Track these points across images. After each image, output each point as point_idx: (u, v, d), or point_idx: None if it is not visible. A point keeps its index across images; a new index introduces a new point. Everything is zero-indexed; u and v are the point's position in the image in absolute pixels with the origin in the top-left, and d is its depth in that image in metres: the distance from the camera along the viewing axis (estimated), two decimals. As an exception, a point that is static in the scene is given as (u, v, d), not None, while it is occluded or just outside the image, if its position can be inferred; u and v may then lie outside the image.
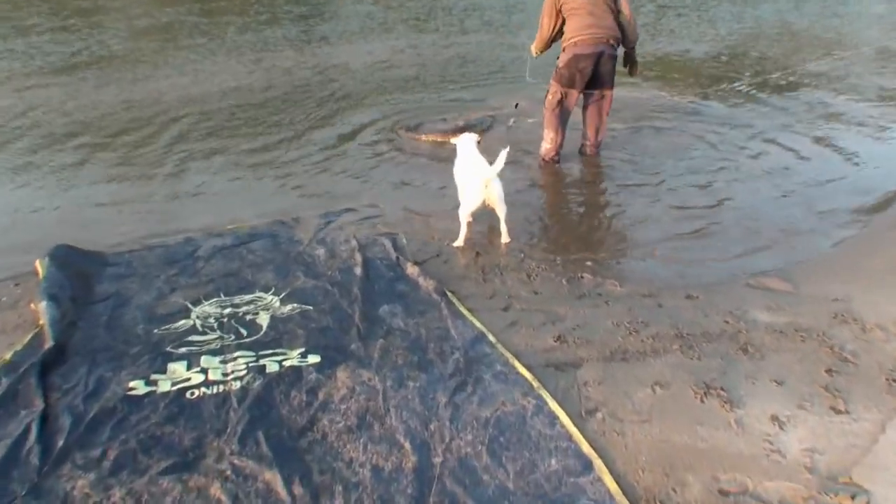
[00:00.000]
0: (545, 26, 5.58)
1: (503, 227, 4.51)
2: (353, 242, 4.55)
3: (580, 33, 5.36)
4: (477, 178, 4.36)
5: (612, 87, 5.71)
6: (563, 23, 5.48)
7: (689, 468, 2.43)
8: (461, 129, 6.53)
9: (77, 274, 4.19)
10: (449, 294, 3.87)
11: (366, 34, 12.28)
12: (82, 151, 6.67)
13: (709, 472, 2.40)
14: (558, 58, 5.61)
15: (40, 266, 4.16)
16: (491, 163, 4.34)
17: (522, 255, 4.31)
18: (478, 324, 3.54)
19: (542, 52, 5.82)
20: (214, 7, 15.56)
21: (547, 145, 5.82)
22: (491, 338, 3.39)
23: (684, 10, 13.69)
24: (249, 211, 5.19)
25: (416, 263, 4.23)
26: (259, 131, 7.13)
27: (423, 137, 6.68)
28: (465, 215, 4.45)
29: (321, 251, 4.50)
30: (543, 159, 5.86)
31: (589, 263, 4.18)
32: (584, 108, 5.84)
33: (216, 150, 6.58)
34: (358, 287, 3.98)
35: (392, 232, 4.72)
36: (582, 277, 4.02)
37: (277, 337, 3.49)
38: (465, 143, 4.83)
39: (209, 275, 4.27)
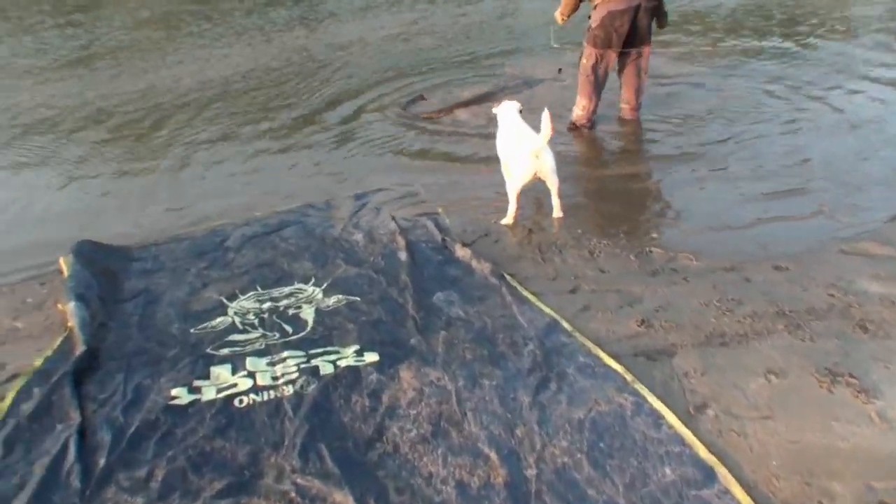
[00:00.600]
0: None
1: (555, 201, 4.10)
2: (393, 225, 4.16)
3: None
4: (526, 149, 3.94)
5: (650, 42, 5.26)
6: None
7: (833, 475, 2.04)
8: (487, 98, 6.15)
9: (103, 271, 3.84)
10: (507, 277, 3.49)
11: (373, 8, 11.79)
12: (98, 141, 6.38)
13: (860, 480, 2.01)
14: (589, 17, 5.15)
15: (65, 264, 3.81)
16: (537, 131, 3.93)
17: (580, 231, 3.91)
18: (547, 309, 3.15)
19: (569, 16, 5.29)
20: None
21: (579, 111, 5.39)
22: (566, 325, 3.01)
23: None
24: (274, 197, 4.83)
25: (464, 245, 3.85)
26: (276, 112, 6.74)
27: (451, 111, 6.24)
28: (514, 190, 4.05)
29: (359, 236, 4.11)
30: (574, 124, 5.45)
31: (654, 236, 3.79)
32: (620, 69, 5.37)
33: (234, 134, 6.23)
34: (406, 273, 3.60)
35: (432, 212, 4.33)
36: (651, 252, 3.62)
37: (327, 333, 3.12)
38: (507, 112, 4.37)
39: (242, 266, 3.91)
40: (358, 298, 3.42)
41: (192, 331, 3.24)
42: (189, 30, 11.30)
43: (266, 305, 3.43)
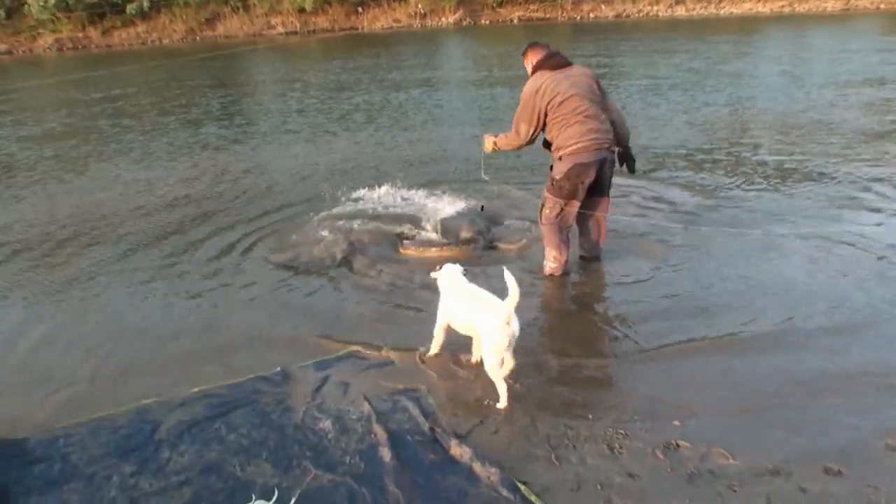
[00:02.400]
0: (523, 132, 4.69)
1: (502, 388, 3.38)
2: (367, 406, 3.42)
3: (580, 140, 4.52)
4: (497, 318, 3.28)
5: (608, 194, 4.93)
6: (543, 128, 4.66)
7: None
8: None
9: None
10: (522, 488, 2.80)
11: (296, 135, 11.28)
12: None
13: None
14: (552, 168, 4.75)
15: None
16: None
17: (591, 416, 3.28)
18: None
19: (496, 149, 5.02)
20: (120, 109, 14.26)
21: (552, 264, 4.91)
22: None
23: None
24: (215, 361, 3.99)
25: (459, 437, 3.14)
26: (205, 246, 5.90)
27: (411, 251, 5.61)
28: (495, 366, 3.34)
29: (327, 423, 3.34)
30: (550, 276, 4.94)
31: (676, 423, 3.20)
32: (581, 219, 4.95)
33: (156, 273, 5.33)
34: (394, 483, 2.85)
35: (413, 387, 3.61)
36: (678, 446, 3.03)
37: None
38: (451, 276, 3.74)
39: (181, 472, 3.04)
40: (341, 527, 2.62)
41: None
42: (98, 148, 10.37)
43: (219, 541, 2.58)
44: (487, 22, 39.08)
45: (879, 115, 10.26)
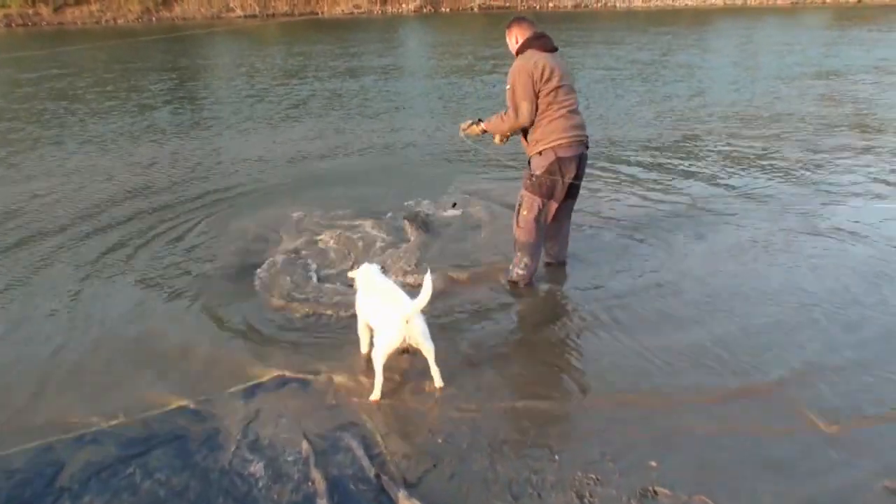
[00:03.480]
0: (525, 112, 4.07)
1: (434, 370, 3.32)
2: (305, 445, 2.94)
3: (563, 135, 4.10)
4: (395, 315, 3.18)
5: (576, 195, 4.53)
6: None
7: None
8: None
9: None
10: (481, 552, 2.36)
11: (254, 123, 10.64)
12: None
13: None
14: (529, 163, 4.30)
15: None
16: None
17: (557, 457, 2.84)
18: None
19: (506, 140, 4.46)
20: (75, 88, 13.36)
21: (520, 271, 4.42)
22: None
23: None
24: (135, 384, 3.45)
25: (408, 485, 2.69)
26: (140, 246, 5.30)
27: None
28: (380, 361, 3.23)
29: (258, 466, 2.85)
30: (515, 284, 4.49)
31: (652, 463, 2.79)
32: (553, 220, 4.46)
33: (86, 275, 4.73)
34: (334, 547, 2.38)
35: (356, 421, 3.13)
36: (655, 493, 2.62)
37: None
38: (367, 275, 3.60)
39: (81, 534, 2.52)
40: None
41: None
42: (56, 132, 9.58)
43: None
44: (448, 10, 38.44)
45: (835, 105, 10.08)
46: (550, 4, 39.42)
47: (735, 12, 34.49)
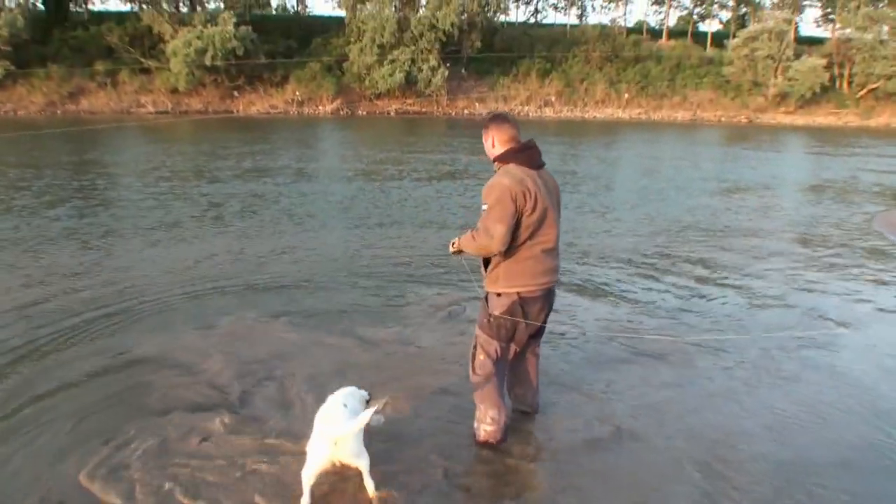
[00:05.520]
0: (499, 235, 3.30)
1: (368, 481, 3.22)
2: None
3: (532, 282, 3.48)
4: (325, 434, 3.12)
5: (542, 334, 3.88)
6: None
7: None
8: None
9: None
10: None
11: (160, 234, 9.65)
12: None
13: None
14: (486, 299, 3.63)
15: None
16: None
17: None
18: None
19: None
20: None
21: (488, 427, 3.68)
22: None
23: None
24: None
25: None
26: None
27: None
28: (306, 480, 3.17)
29: None
30: (485, 443, 3.72)
31: None
32: (514, 363, 3.83)
33: None
34: None
35: None
36: None
37: None
38: (336, 396, 3.43)
39: None
40: None
41: None
42: None
43: None
44: (365, 113, 38.84)
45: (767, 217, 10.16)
46: (466, 111, 40.57)
47: (640, 125, 36.47)
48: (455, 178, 14.80)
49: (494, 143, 3.55)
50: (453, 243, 3.63)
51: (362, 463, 3.20)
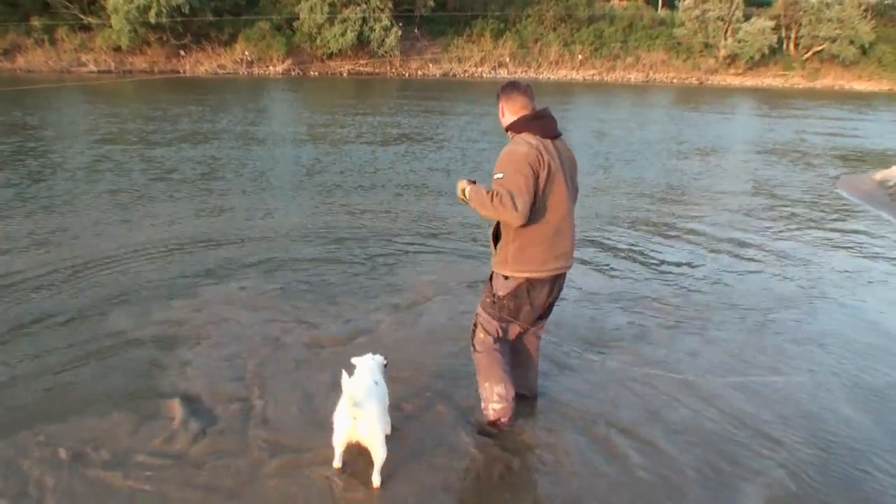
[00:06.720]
0: (521, 207, 3.08)
1: (376, 475, 3.10)
2: None
3: (544, 268, 3.30)
4: (344, 405, 3.00)
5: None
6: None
7: None
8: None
9: None
10: None
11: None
12: None
13: None
14: (491, 278, 3.49)
15: None
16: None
17: None
18: None
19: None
20: None
21: (497, 406, 3.49)
22: None
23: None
24: None
25: None
26: None
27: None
28: (336, 446, 3.16)
29: None
30: (495, 424, 3.55)
31: None
32: (513, 344, 3.66)
33: None
34: None
35: None
36: None
37: None
38: (363, 364, 3.35)
39: None
40: None
41: None
42: None
43: None
44: (316, 74, 37.80)
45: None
46: (419, 73, 39.90)
47: (594, 86, 36.50)
48: (415, 141, 14.52)
49: (504, 111, 3.38)
50: (463, 191, 3.37)
51: (380, 454, 3.02)
